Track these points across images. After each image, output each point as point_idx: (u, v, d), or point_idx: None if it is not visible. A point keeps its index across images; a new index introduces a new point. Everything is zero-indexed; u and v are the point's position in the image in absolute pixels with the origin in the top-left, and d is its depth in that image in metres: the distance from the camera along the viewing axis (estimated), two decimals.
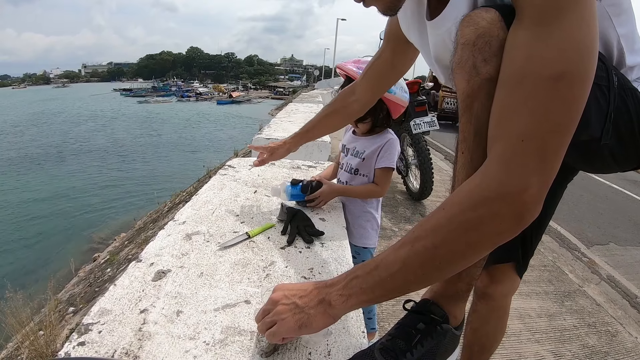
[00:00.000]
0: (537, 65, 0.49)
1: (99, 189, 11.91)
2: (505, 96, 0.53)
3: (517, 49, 0.52)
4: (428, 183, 3.55)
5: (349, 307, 0.61)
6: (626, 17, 0.71)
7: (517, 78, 0.51)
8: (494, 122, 0.55)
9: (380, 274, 0.58)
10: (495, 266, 0.96)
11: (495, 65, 0.55)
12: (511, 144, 0.51)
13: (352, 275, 0.62)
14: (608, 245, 3.67)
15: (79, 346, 0.68)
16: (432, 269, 0.56)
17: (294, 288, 0.66)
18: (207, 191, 1.48)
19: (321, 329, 0.63)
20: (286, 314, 0.62)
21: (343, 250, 1.09)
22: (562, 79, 0.48)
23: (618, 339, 2.12)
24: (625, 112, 0.69)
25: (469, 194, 0.54)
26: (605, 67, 0.68)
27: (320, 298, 0.62)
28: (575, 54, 0.49)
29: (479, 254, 0.57)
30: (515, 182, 0.51)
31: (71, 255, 5.63)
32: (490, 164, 0.54)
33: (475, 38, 0.55)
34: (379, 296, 0.61)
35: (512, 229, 0.53)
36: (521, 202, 0.51)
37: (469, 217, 0.53)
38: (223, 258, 1.00)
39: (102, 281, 3.83)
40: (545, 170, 0.51)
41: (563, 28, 0.48)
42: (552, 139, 0.50)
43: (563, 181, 0.94)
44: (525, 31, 0.51)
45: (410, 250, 0.56)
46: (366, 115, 1.31)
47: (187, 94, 68.11)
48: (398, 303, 0.68)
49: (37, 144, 20.37)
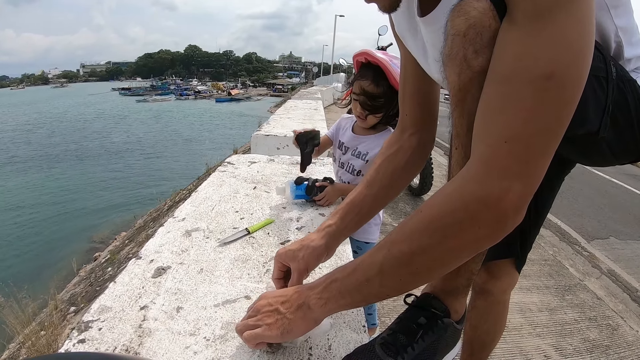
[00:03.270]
0: (526, 64, 0.46)
1: (98, 189, 11.90)
2: (492, 94, 0.50)
3: (506, 45, 0.49)
4: (428, 179, 3.55)
5: (327, 310, 0.60)
6: (624, 9, 0.70)
7: (504, 76, 0.48)
8: (479, 120, 0.52)
9: (358, 277, 0.57)
10: (493, 262, 0.95)
11: (487, 57, 0.52)
12: (493, 145, 0.48)
13: (331, 278, 0.61)
14: (608, 239, 3.67)
15: (79, 343, 0.68)
16: (409, 274, 0.54)
17: (276, 294, 0.66)
18: (206, 188, 1.47)
19: (303, 333, 0.63)
20: (269, 320, 0.62)
21: (343, 245, 1.09)
22: (551, 79, 0.45)
23: (619, 333, 2.13)
24: (624, 104, 0.68)
25: (447, 197, 0.52)
26: (603, 58, 0.66)
27: (300, 302, 0.61)
28: (567, 53, 0.46)
29: (458, 260, 0.54)
30: (495, 185, 0.48)
31: (72, 255, 5.63)
32: (471, 166, 0.51)
33: (465, 29, 0.51)
34: (358, 301, 0.60)
35: (492, 236, 0.50)
36: (501, 208, 0.48)
37: (447, 221, 0.51)
38: (223, 254, 1.00)
39: (103, 280, 3.83)
40: (529, 174, 0.48)
41: (556, 25, 0.45)
42: (537, 141, 0.47)
43: (560, 174, 0.93)
44: (516, 26, 0.48)
45: (387, 254, 0.55)
46: (382, 108, 1.28)
47: (186, 92, 68.04)
48: (399, 298, 0.67)
49: (37, 145, 20.35)
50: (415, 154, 0.87)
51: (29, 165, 15.62)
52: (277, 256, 0.78)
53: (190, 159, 15.70)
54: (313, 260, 0.78)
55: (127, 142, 21.04)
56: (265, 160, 1.93)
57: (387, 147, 0.90)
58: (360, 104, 1.30)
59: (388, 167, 0.87)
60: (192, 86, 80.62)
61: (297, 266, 0.76)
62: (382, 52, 1.29)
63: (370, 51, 1.28)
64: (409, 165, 0.87)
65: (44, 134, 24.40)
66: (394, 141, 0.90)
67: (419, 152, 0.87)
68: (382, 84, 1.25)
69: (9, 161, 16.19)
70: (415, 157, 0.87)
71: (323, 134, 1.54)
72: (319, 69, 42.85)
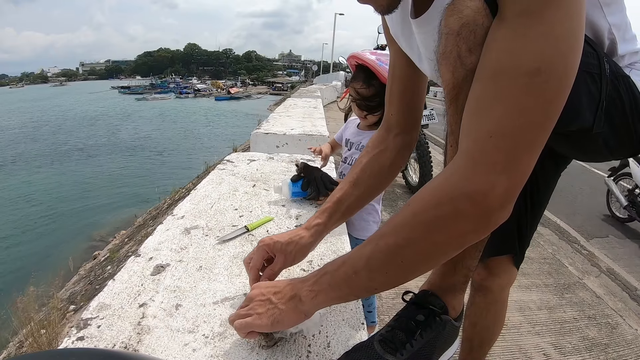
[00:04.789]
0: (514, 60, 0.47)
1: (98, 187, 11.89)
2: (480, 90, 0.51)
3: (495, 42, 0.49)
4: (427, 176, 3.55)
5: (317, 303, 0.61)
6: (616, 6, 0.70)
7: (493, 71, 0.49)
8: (466, 116, 0.52)
9: (347, 270, 0.58)
10: (492, 259, 0.95)
11: (480, 55, 0.52)
12: (480, 140, 0.49)
13: (322, 271, 0.61)
14: (607, 237, 3.68)
15: (78, 341, 0.68)
16: (396, 268, 0.54)
17: (269, 285, 0.67)
18: (205, 186, 1.47)
19: (293, 325, 0.64)
20: (260, 309, 0.63)
21: (342, 243, 1.09)
22: (538, 75, 0.46)
23: (618, 331, 2.13)
24: (618, 100, 0.68)
25: (434, 191, 0.52)
26: (597, 54, 0.67)
27: (292, 294, 0.62)
28: (555, 50, 0.46)
29: (444, 254, 0.55)
30: (481, 180, 0.48)
31: (71, 254, 5.63)
32: (457, 160, 0.51)
33: (459, 27, 0.52)
34: (347, 294, 0.60)
35: (478, 230, 0.51)
36: (486, 203, 0.48)
37: (433, 215, 0.51)
38: (222, 252, 1.00)
39: (103, 279, 3.83)
40: (515, 170, 0.48)
41: (545, 22, 0.46)
42: (524, 137, 0.47)
43: (557, 170, 0.93)
44: (505, 23, 0.48)
45: (375, 248, 0.55)
46: (378, 107, 1.31)
47: (185, 90, 67.84)
48: (398, 296, 0.67)
49: (36, 144, 20.33)
50: (400, 154, 0.88)
51: (29, 163, 15.60)
52: (263, 245, 0.78)
53: (190, 157, 15.69)
54: (300, 256, 0.81)
55: (126, 140, 21.00)
56: (265, 158, 1.93)
57: (373, 147, 0.90)
58: (357, 106, 1.35)
59: (374, 167, 0.88)
60: (191, 84, 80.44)
61: (285, 259, 0.78)
62: (371, 52, 1.33)
63: (358, 54, 1.33)
64: (394, 165, 0.89)
65: (43, 134, 24.35)
66: (380, 141, 0.90)
67: (403, 152, 0.89)
68: (374, 84, 1.29)
69: (5, 161, 16.16)
70: (400, 157, 0.89)
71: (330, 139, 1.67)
72: (318, 67, 42.84)
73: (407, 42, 0.76)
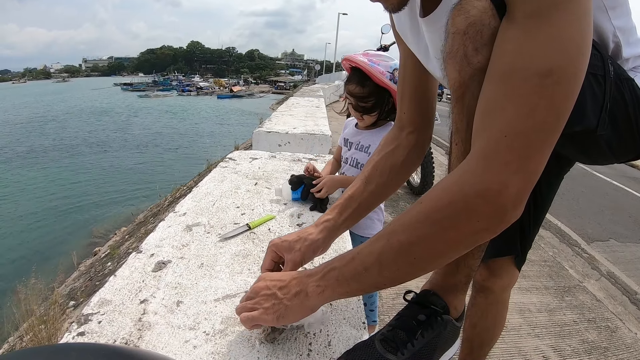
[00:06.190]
0: (525, 61, 0.47)
1: (99, 184, 11.90)
2: (491, 90, 0.51)
3: (506, 43, 0.50)
4: (429, 177, 3.55)
5: (324, 298, 0.61)
6: (622, 10, 0.70)
7: (504, 73, 0.49)
8: (478, 116, 0.53)
9: (356, 266, 0.58)
10: (494, 259, 0.95)
11: (486, 54, 0.53)
12: (493, 140, 0.49)
13: (330, 266, 0.61)
14: (608, 241, 3.67)
15: (79, 336, 0.68)
16: (407, 264, 0.55)
17: (275, 278, 0.66)
18: (207, 183, 1.47)
19: (298, 320, 0.64)
20: (266, 304, 0.63)
21: (344, 241, 1.09)
22: (549, 76, 0.46)
23: (618, 335, 2.13)
24: (622, 102, 0.69)
25: (446, 189, 0.53)
26: (601, 56, 0.67)
27: (298, 289, 0.62)
28: (565, 51, 0.47)
29: (456, 252, 0.55)
30: (494, 179, 0.48)
31: (72, 250, 5.64)
32: (470, 159, 0.52)
33: (466, 27, 0.53)
34: (355, 289, 0.60)
35: (491, 229, 0.51)
36: (500, 202, 0.49)
37: (446, 213, 0.51)
38: (223, 249, 1.00)
39: (103, 275, 3.84)
40: (528, 169, 0.49)
41: (554, 24, 0.46)
42: (536, 137, 0.48)
43: (560, 172, 0.93)
44: (515, 25, 0.49)
45: (386, 244, 0.55)
46: (374, 108, 1.31)
47: (187, 88, 67.93)
48: (399, 296, 0.67)
49: (36, 141, 20.34)
50: (413, 152, 0.88)
51: (28, 160, 15.61)
52: (272, 246, 0.78)
53: (192, 154, 15.70)
54: (309, 253, 0.78)
55: (125, 139, 20.96)
56: (267, 157, 1.93)
57: (385, 145, 0.91)
58: (353, 107, 1.35)
59: (386, 164, 0.87)
60: (194, 82, 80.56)
61: (293, 257, 0.75)
62: (363, 54, 1.34)
63: (350, 56, 1.34)
64: (407, 163, 0.88)
65: (41, 133, 24.33)
66: (392, 139, 0.90)
67: (416, 151, 0.88)
68: (368, 85, 1.29)
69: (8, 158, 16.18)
70: (413, 156, 0.88)
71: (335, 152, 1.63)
72: (321, 66, 42.83)
73: (415, 40, 0.77)
